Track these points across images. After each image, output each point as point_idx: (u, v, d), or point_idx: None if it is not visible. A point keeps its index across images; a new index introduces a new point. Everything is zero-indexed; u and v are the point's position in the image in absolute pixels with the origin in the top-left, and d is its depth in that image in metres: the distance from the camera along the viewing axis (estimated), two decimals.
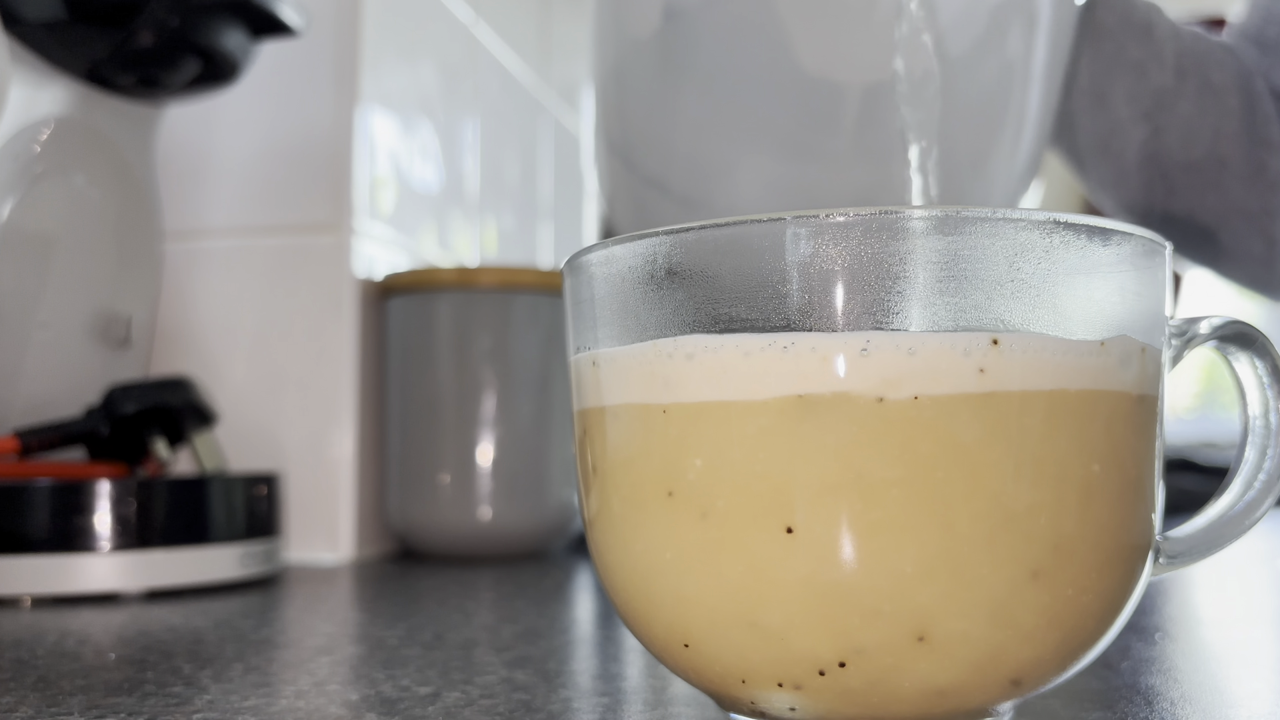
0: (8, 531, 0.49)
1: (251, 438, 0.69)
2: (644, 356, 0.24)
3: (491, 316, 0.68)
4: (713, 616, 0.24)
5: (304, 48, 0.70)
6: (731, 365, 0.23)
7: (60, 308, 0.60)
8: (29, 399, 0.58)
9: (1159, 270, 0.25)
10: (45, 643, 0.39)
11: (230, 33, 0.58)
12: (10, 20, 0.54)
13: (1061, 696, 0.29)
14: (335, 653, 0.37)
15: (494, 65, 0.93)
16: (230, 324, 0.70)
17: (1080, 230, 0.23)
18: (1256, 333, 0.26)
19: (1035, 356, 0.23)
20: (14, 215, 0.56)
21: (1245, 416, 0.26)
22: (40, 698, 0.30)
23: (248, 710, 0.29)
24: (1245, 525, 0.26)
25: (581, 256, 0.26)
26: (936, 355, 0.22)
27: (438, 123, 0.82)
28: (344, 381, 0.68)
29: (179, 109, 0.69)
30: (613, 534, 0.26)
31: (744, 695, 0.24)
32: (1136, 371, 0.24)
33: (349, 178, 0.70)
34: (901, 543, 0.22)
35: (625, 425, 0.25)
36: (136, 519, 0.51)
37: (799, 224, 0.23)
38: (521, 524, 0.68)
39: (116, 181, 0.63)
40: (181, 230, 0.71)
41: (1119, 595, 0.24)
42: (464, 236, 0.86)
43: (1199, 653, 0.38)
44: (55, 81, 0.58)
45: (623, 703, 0.30)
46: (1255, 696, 0.31)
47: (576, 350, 0.27)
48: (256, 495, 0.56)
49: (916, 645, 0.22)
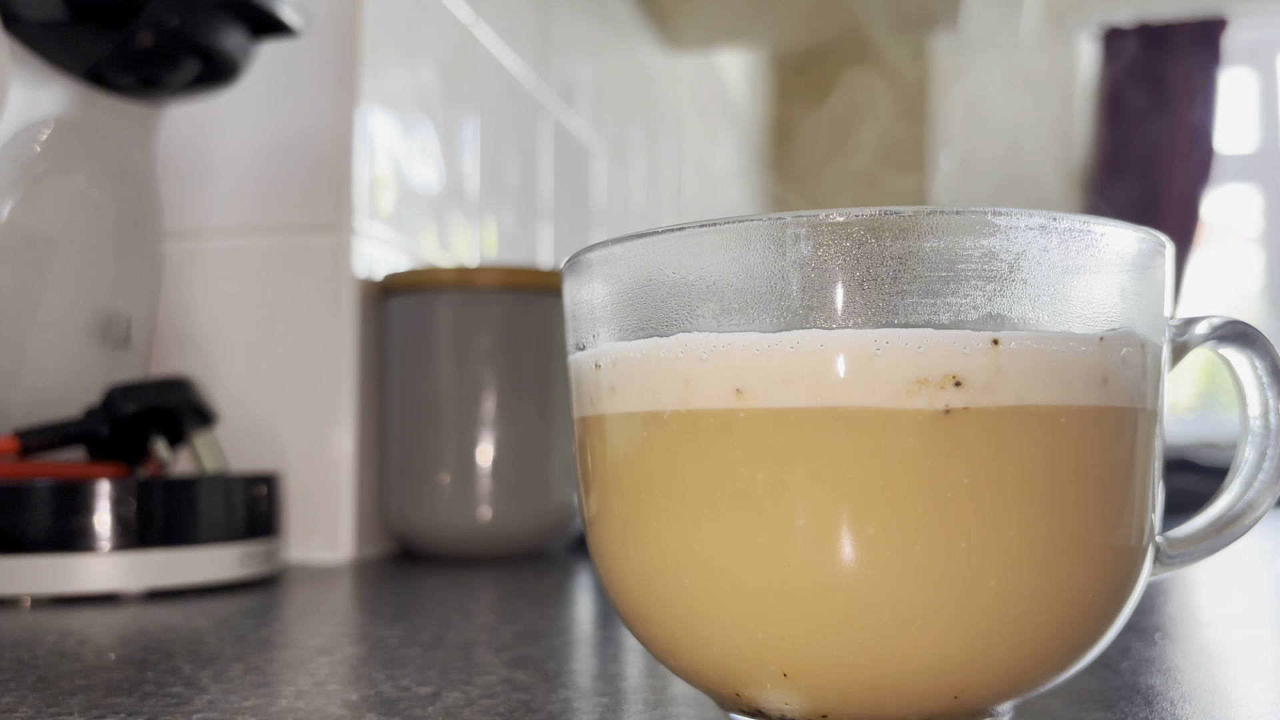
0: (8, 531, 0.49)
1: (251, 438, 0.69)
2: (645, 356, 0.24)
3: (491, 316, 0.68)
4: (712, 617, 0.24)
5: (304, 48, 0.70)
6: (734, 365, 0.23)
7: (60, 308, 0.60)
8: (29, 399, 0.58)
9: (1159, 270, 0.25)
10: (45, 643, 0.39)
11: (230, 33, 0.58)
12: (10, 20, 0.54)
13: (1061, 696, 0.29)
14: (335, 653, 0.37)
15: (494, 65, 0.93)
16: (230, 324, 0.70)
17: (1080, 230, 0.23)
18: (1256, 333, 0.26)
19: (1035, 356, 0.23)
20: (14, 215, 0.56)
21: (1245, 416, 0.26)
22: (40, 698, 0.30)
23: (248, 710, 0.29)
24: (1245, 525, 0.26)
25: (581, 256, 0.26)
26: (939, 353, 0.22)
27: (438, 123, 0.82)
28: (344, 381, 0.68)
29: (179, 109, 0.69)
30: (613, 534, 0.26)
31: (743, 695, 0.24)
32: (1136, 370, 0.24)
33: (349, 178, 0.70)
34: (904, 542, 0.22)
35: (626, 426, 0.25)
36: (136, 519, 0.51)
37: (799, 224, 0.23)
38: (521, 524, 0.68)
39: (116, 181, 0.63)
40: (181, 230, 0.71)
41: (1119, 595, 0.24)
42: (464, 236, 0.86)
43: (1199, 653, 0.38)
44: (55, 81, 0.58)
45: (623, 703, 0.30)
46: (1255, 696, 0.31)
47: (576, 350, 0.27)
48: (256, 495, 0.56)
49: (917, 645, 0.22)
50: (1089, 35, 2.87)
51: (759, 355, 0.23)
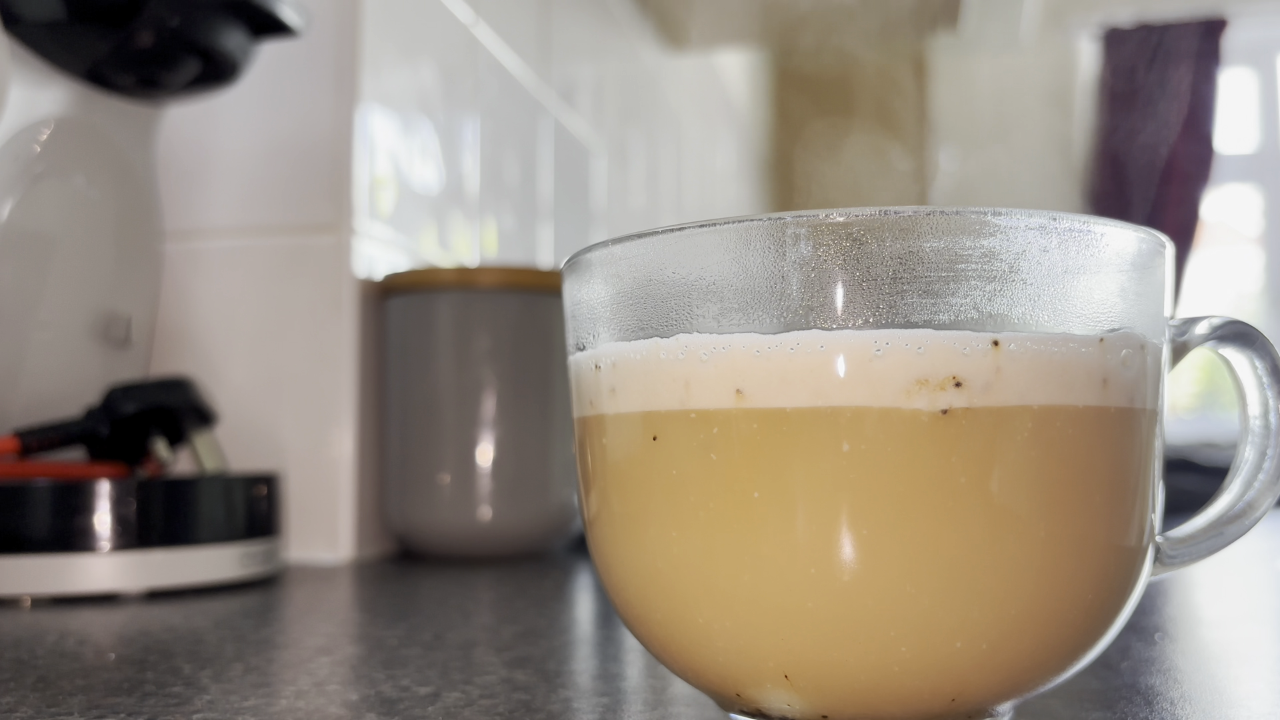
0: (8, 531, 0.49)
1: (251, 438, 0.69)
2: (645, 357, 0.24)
3: (491, 316, 0.68)
4: (713, 617, 0.24)
5: (304, 48, 0.70)
6: (734, 365, 0.23)
7: (60, 308, 0.60)
8: (29, 399, 0.58)
9: (1159, 270, 0.25)
10: (45, 643, 0.39)
11: (230, 33, 0.58)
12: (10, 20, 0.54)
13: (1061, 696, 0.29)
14: (335, 653, 0.37)
15: (494, 65, 0.93)
16: (230, 324, 0.70)
17: (1080, 231, 0.23)
18: (1256, 333, 0.26)
19: (1036, 357, 0.23)
20: (14, 215, 0.56)
21: (1245, 416, 0.26)
22: (40, 698, 0.30)
23: (248, 710, 0.29)
24: (1245, 525, 0.26)
25: (581, 256, 0.26)
26: (939, 354, 0.22)
27: (438, 123, 0.82)
28: (344, 381, 0.68)
29: (179, 109, 0.69)
30: (613, 534, 0.26)
31: (743, 695, 0.24)
32: (1136, 371, 0.24)
33: (349, 178, 0.70)
34: (904, 542, 0.22)
35: (626, 427, 0.25)
36: (136, 519, 0.51)
37: (799, 224, 0.23)
38: (521, 524, 0.68)
39: (116, 181, 0.63)
40: (181, 230, 0.71)
41: (1119, 595, 0.24)
42: (464, 236, 0.86)
43: (1199, 653, 0.38)
44: (55, 81, 0.58)
45: (623, 703, 0.30)
46: (1255, 696, 0.31)
47: (576, 350, 0.27)
48: (256, 495, 0.56)
49: (917, 645, 0.22)
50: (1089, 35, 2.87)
51: (759, 356, 0.23)
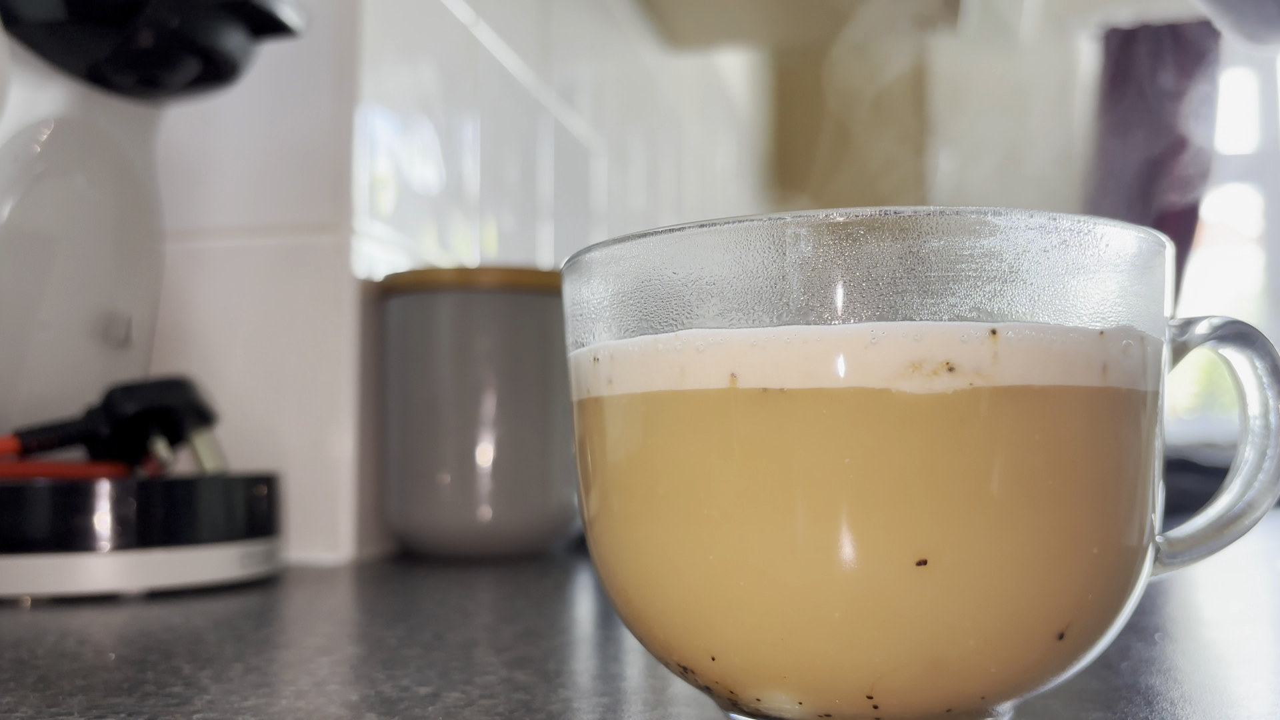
0: (8, 531, 0.49)
1: (251, 438, 0.69)
2: (643, 349, 0.24)
3: (491, 316, 0.68)
4: (713, 616, 0.24)
5: (304, 48, 0.69)
6: (730, 354, 0.23)
7: (60, 308, 0.59)
8: (29, 399, 0.58)
9: (1159, 270, 0.25)
10: (45, 643, 0.39)
11: (230, 33, 0.58)
12: (10, 20, 0.54)
13: (1061, 696, 0.29)
14: (335, 653, 0.37)
15: (494, 65, 0.93)
16: (230, 324, 0.70)
17: (1080, 231, 0.23)
18: (1256, 333, 0.26)
19: (1034, 343, 0.22)
20: (14, 215, 0.56)
21: (1245, 416, 0.26)
22: (40, 698, 0.30)
23: (248, 710, 0.29)
24: (1245, 525, 0.26)
25: (581, 256, 0.26)
26: (937, 346, 0.22)
27: (438, 123, 0.82)
28: (344, 381, 0.68)
29: (179, 109, 0.69)
30: (613, 534, 0.26)
31: (743, 695, 0.24)
32: (1136, 370, 0.24)
33: (349, 178, 0.70)
34: (899, 537, 0.22)
35: (626, 424, 0.25)
36: (136, 519, 0.51)
37: (799, 224, 0.23)
38: (521, 524, 0.68)
39: (116, 181, 0.63)
40: (181, 230, 0.71)
41: (1119, 595, 0.24)
42: (464, 236, 0.86)
43: (1199, 653, 0.38)
44: (55, 81, 0.58)
45: (623, 703, 0.30)
46: (1255, 696, 0.31)
47: (576, 348, 0.27)
48: (256, 495, 0.56)
49: (917, 645, 0.22)
50: (1089, 35, 2.87)
51: (755, 346, 0.23)
